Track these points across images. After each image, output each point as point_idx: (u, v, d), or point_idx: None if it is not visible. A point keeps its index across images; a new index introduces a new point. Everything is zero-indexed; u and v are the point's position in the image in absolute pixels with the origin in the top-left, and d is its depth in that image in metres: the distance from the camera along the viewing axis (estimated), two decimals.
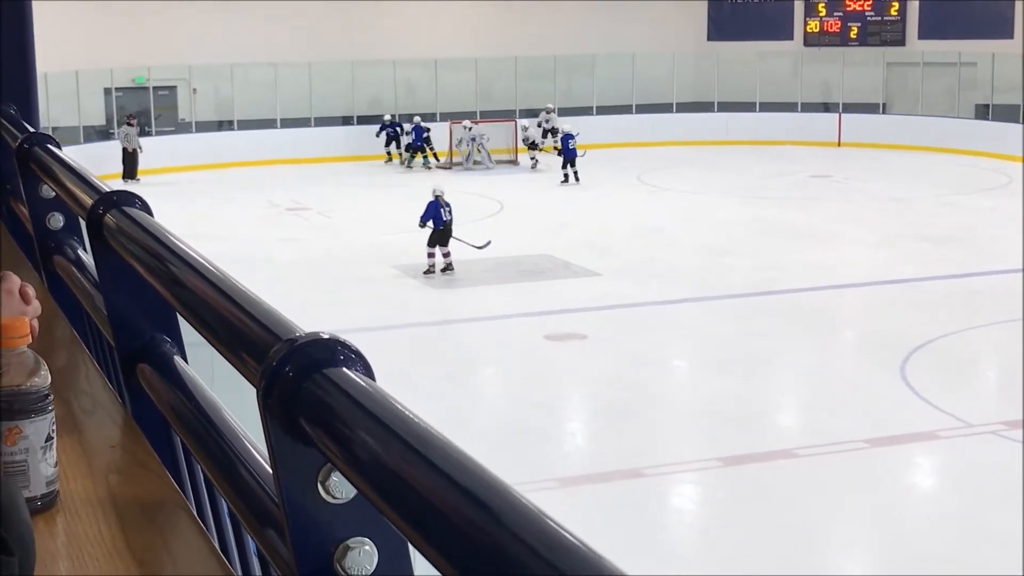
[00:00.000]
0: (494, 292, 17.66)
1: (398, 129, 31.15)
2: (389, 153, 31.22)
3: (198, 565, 1.55)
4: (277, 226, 23.01)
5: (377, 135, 31.02)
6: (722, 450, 11.46)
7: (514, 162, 31.05)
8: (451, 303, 17.05)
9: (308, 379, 1.14)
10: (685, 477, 11.10)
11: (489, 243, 18.87)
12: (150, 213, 2.17)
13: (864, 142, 32.96)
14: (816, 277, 18.16)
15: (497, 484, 0.90)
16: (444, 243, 18.23)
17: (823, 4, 35.45)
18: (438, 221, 18.11)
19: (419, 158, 30.42)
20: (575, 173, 27.72)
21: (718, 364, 14.20)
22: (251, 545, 1.66)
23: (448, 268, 18.30)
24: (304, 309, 16.67)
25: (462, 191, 26.93)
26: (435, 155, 30.49)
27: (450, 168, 30.02)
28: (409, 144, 30.67)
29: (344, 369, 1.14)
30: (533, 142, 30.83)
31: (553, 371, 14.20)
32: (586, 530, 0.81)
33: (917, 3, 34.81)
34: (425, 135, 30.32)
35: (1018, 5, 33.51)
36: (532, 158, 30.47)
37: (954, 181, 27.43)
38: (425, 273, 18.17)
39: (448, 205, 18.36)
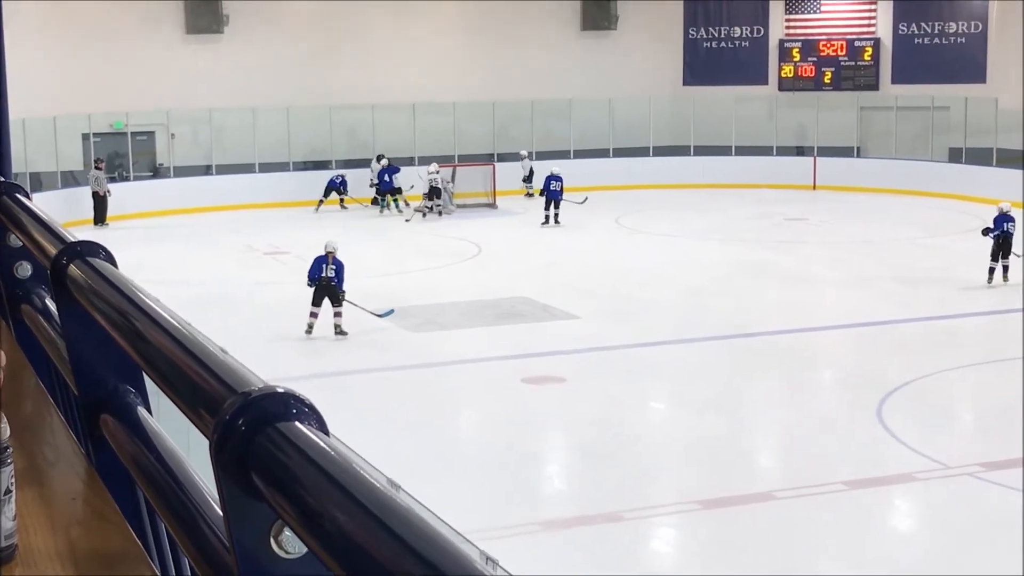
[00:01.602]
0: (472, 335, 17.64)
1: (343, 178, 31.13)
2: (343, 199, 31.22)
3: None
4: (255, 270, 22.97)
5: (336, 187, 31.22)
6: (702, 492, 11.44)
7: (492, 205, 31.12)
8: (429, 346, 17.01)
9: (261, 433, 1.13)
10: (665, 520, 11.07)
11: (392, 312, 17.67)
12: (114, 263, 2.16)
13: (839, 185, 33.18)
14: (793, 319, 18.22)
15: (450, 548, 0.89)
16: (334, 302, 16.98)
17: (797, 49, 35.78)
18: (315, 276, 17.02)
19: (390, 201, 30.29)
20: (556, 215, 27.80)
21: (696, 406, 14.20)
22: None
23: (339, 331, 17.04)
24: (280, 353, 16.62)
25: (439, 235, 26.98)
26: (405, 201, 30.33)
27: (426, 213, 30.03)
28: (379, 186, 30.58)
29: (297, 423, 1.13)
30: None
31: (532, 414, 14.17)
32: (567, 573, 0.80)
33: (890, 48, 35.18)
34: (395, 174, 30.23)
35: (990, 50, 33.91)
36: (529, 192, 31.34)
37: (928, 224, 27.62)
38: (306, 333, 17.08)
39: (337, 263, 17.05)
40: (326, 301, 17.09)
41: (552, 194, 27.86)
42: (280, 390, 1.18)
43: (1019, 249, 20.38)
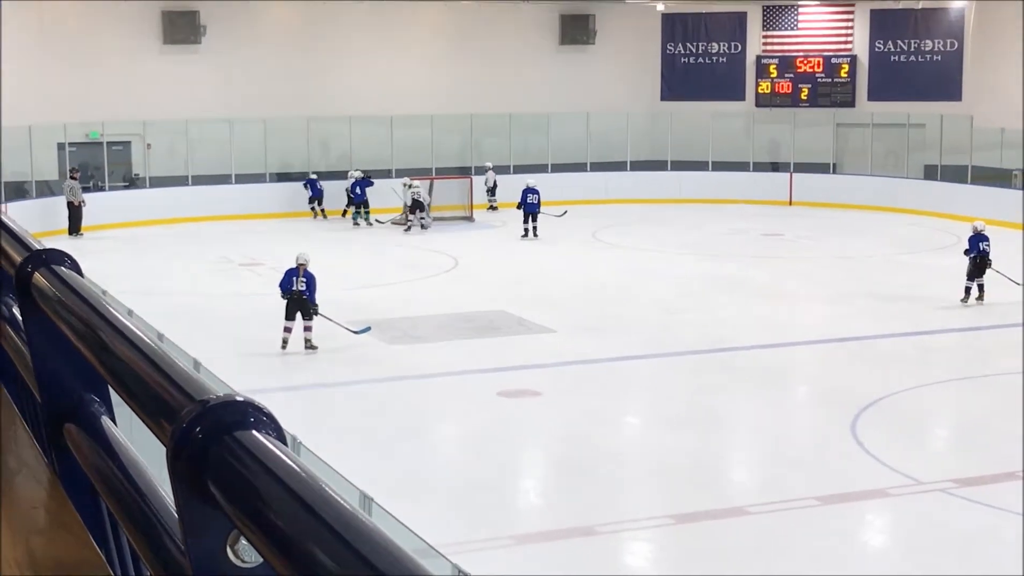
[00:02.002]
0: (448, 348, 17.61)
1: (318, 185, 31.31)
2: (319, 210, 31.34)
3: None
4: (230, 281, 22.90)
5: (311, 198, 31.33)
6: (675, 507, 11.44)
7: (469, 218, 31.12)
8: (405, 359, 16.97)
9: (217, 441, 1.12)
10: (638, 535, 11.07)
11: (368, 329, 17.51)
12: (79, 272, 2.14)
13: (815, 201, 33.35)
14: (769, 334, 18.28)
15: (405, 560, 0.89)
16: (305, 316, 16.87)
17: (774, 65, 35.98)
18: (287, 289, 16.89)
19: (363, 213, 30.27)
20: (534, 228, 27.86)
21: (671, 420, 14.22)
22: None
23: (309, 345, 16.90)
24: (255, 365, 16.56)
25: (416, 248, 26.96)
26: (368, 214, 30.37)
27: (404, 225, 30.01)
28: (352, 199, 30.59)
29: (254, 432, 1.12)
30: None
31: (507, 428, 14.15)
32: None
33: (867, 65, 35.41)
34: (368, 187, 30.25)
35: (966, 68, 34.18)
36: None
37: (903, 240, 27.78)
38: (281, 348, 16.92)
39: (308, 276, 16.93)
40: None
41: (530, 207, 27.94)
42: (239, 399, 1.17)
43: (997, 265, 20.41)
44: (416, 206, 29.32)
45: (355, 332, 17.34)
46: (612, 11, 36.00)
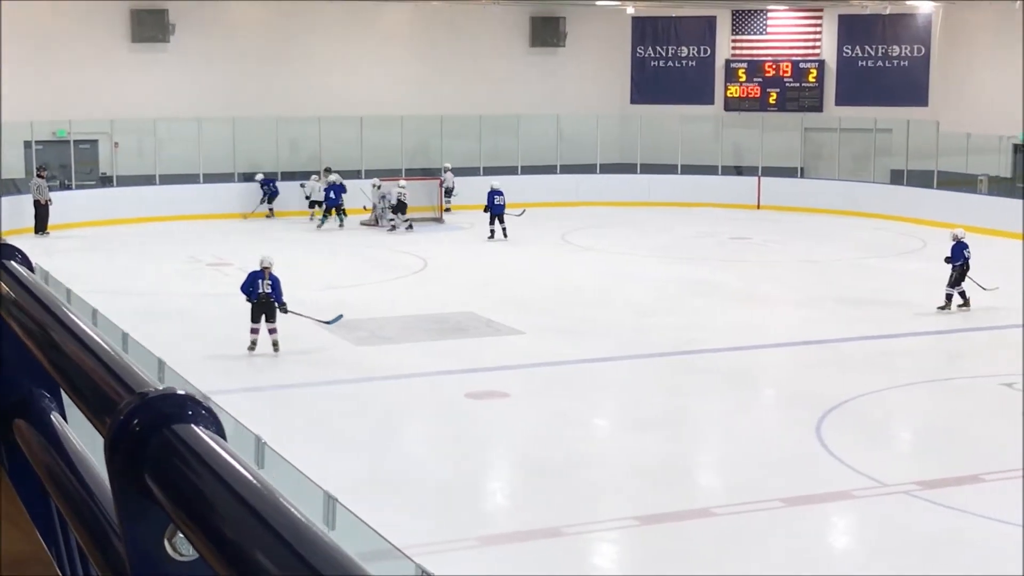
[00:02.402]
0: (416, 349, 17.58)
1: (273, 185, 31.21)
2: (269, 209, 31.18)
3: None
4: (198, 281, 22.78)
5: (265, 196, 31.14)
6: (641, 509, 11.47)
7: (439, 220, 31.10)
8: (373, 360, 16.93)
9: (155, 434, 1.12)
10: (604, 536, 11.09)
11: (340, 317, 17.55)
12: (30, 267, 2.13)
13: (782, 205, 33.51)
14: (736, 337, 18.34)
15: (337, 555, 0.88)
16: (269, 318, 16.80)
17: (743, 70, 36.13)
18: (253, 293, 16.81)
19: (334, 215, 30.15)
20: (503, 229, 27.86)
21: (639, 423, 14.25)
22: None
23: (275, 346, 16.83)
24: (222, 366, 16.49)
25: (385, 248, 26.91)
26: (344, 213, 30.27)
27: (375, 225, 29.96)
28: (322, 202, 30.47)
29: (193, 426, 1.12)
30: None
31: (475, 429, 14.14)
32: None
33: (835, 70, 35.62)
34: (343, 193, 30.17)
35: (932, 73, 34.43)
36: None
37: (870, 244, 27.95)
38: (248, 349, 16.85)
39: (273, 279, 16.87)
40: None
41: (496, 209, 27.93)
42: (179, 392, 1.16)
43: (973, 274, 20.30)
44: (400, 207, 29.32)
45: (327, 323, 17.39)
46: (582, 14, 36.07)
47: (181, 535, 1.15)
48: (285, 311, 16.93)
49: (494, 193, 28.03)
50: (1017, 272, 22.34)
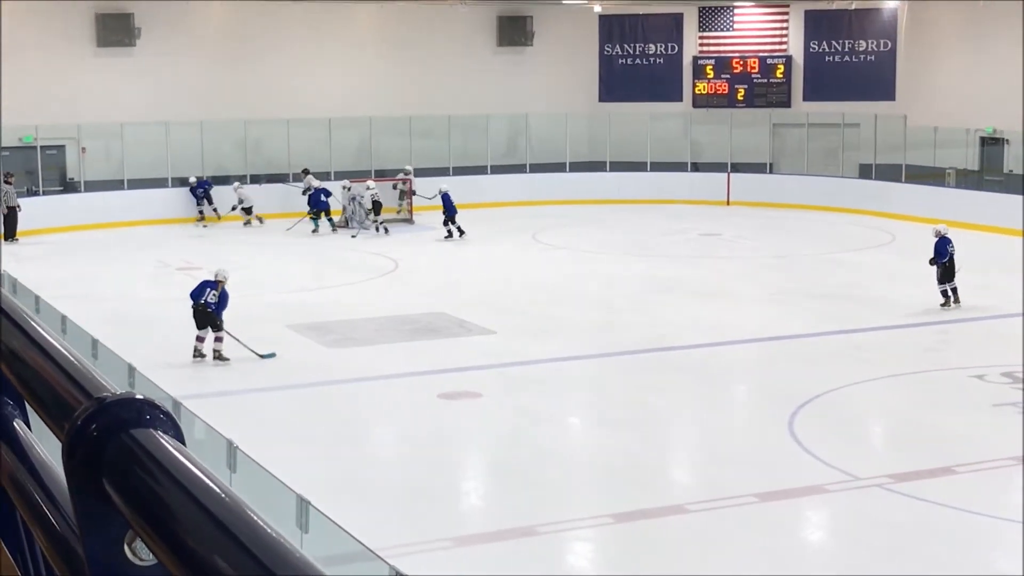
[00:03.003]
0: (387, 350, 17.54)
1: (207, 188, 30.93)
2: (202, 213, 30.86)
3: None
4: (167, 286, 22.64)
5: (199, 200, 30.83)
6: (615, 506, 11.48)
7: (409, 220, 31.04)
8: (344, 362, 16.88)
9: (113, 439, 1.10)
10: (578, 534, 11.09)
11: (273, 355, 16.82)
12: None
13: (752, 201, 33.63)
14: (707, 333, 18.39)
15: (298, 560, 0.87)
16: (214, 328, 16.56)
17: (711, 66, 36.24)
18: (195, 299, 16.64)
19: (322, 218, 29.95)
20: (459, 228, 27.73)
21: (612, 421, 14.26)
22: None
23: (218, 356, 16.60)
24: (190, 370, 16.40)
25: (356, 250, 26.84)
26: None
27: (346, 227, 29.85)
28: (312, 206, 30.26)
29: (151, 431, 1.10)
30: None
31: (447, 430, 14.13)
32: None
33: (802, 65, 35.78)
34: (329, 197, 29.97)
35: (899, 68, 34.63)
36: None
37: (839, 239, 28.09)
38: (193, 358, 16.65)
39: (223, 294, 16.61)
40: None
41: (451, 209, 27.76)
42: (136, 396, 1.14)
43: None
44: (376, 207, 29.20)
45: (260, 356, 16.74)
46: (549, 13, 36.08)
47: (140, 540, 1.13)
48: (219, 328, 16.62)
49: (448, 196, 27.89)
50: (986, 265, 22.53)
